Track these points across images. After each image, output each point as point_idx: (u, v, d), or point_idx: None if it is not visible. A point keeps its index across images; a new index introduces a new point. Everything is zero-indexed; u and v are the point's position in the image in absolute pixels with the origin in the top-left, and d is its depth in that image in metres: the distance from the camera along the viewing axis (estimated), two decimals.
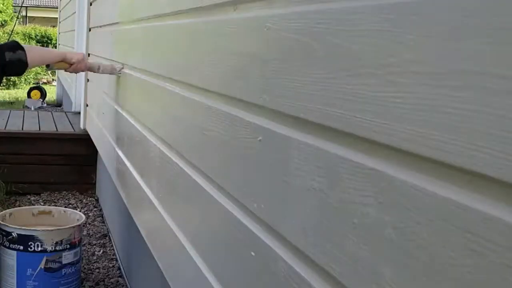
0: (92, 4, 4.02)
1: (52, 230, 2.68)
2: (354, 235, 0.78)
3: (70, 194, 4.26)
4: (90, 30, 4.09)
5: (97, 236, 3.55)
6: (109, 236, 3.53)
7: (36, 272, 2.64)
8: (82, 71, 2.69)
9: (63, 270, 2.67)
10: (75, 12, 5.79)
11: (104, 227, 3.71)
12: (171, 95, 1.77)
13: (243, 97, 1.18)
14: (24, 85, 12.94)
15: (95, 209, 4.07)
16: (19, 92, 11.58)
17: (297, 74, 0.95)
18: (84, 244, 3.40)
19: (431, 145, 0.63)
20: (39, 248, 2.62)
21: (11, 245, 2.62)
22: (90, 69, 2.71)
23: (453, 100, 0.60)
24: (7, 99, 10.45)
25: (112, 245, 3.39)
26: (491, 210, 0.56)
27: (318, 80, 0.88)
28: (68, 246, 2.68)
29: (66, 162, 4.33)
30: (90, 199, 4.28)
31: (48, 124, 4.88)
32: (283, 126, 1.00)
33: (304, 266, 0.91)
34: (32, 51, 2.38)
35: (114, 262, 3.17)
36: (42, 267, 2.64)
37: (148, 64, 2.14)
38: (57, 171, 4.18)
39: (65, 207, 3.73)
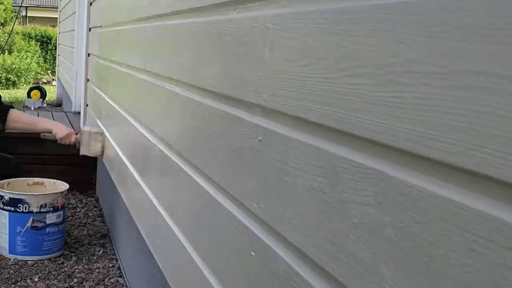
0: (92, 4, 4.01)
1: (37, 194, 3.13)
2: (354, 235, 0.78)
3: (70, 194, 4.24)
4: (90, 30, 4.09)
5: (97, 236, 3.55)
6: (109, 236, 3.53)
7: (24, 230, 3.11)
8: (70, 144, 3.30)
9: (47, 229, 3.14)
10: (75, 12, 5.79)
11: (104, 227, 3.71)
12: (171, 95, 1.76)
13: (243, 97, 1.18)
14: (24, 85, 12.95)
15: (95, 209, 4.07)
16: (19, 92, 11.59)
17: (297, 74, 0.95)
18: (84, 244, 3.40)
19: (431, 145, 0.63)
20: (27, 210, 3.09)
21: (4, 207, 3.11)
22: (77, 144, 3.29)
23: (453, 100, 0.60)
24: (7, 99, 10.45)
25: (112, 245, 3.39)
26: (491, 210, 0.56)
27: (318, 80, 0.88)
28: (52, 209, 3.13)
29: (66, 162, 4.32)
30: (90, 199, 4.28)
31: None
32: (283, 126, 1.00)
33: (304, 266, 0.91)
34: (18, 120, 3.12)
35: (114, 262, 3.16)
36: (29, 225, 3.10)
37: (147, 63, 2.14)
38: (57, 171, 4.17)
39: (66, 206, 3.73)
